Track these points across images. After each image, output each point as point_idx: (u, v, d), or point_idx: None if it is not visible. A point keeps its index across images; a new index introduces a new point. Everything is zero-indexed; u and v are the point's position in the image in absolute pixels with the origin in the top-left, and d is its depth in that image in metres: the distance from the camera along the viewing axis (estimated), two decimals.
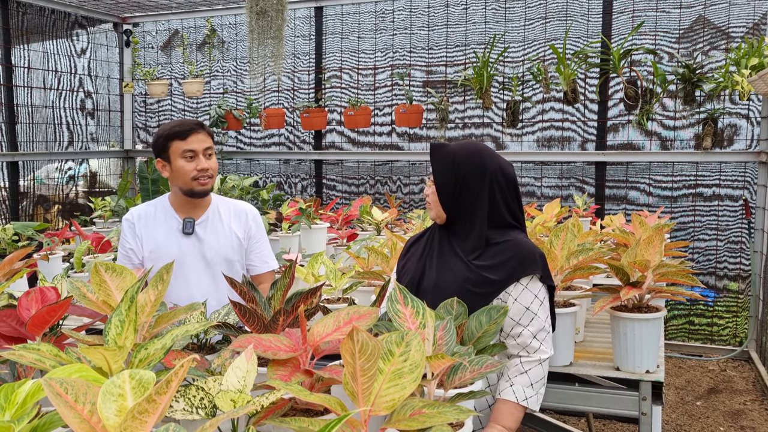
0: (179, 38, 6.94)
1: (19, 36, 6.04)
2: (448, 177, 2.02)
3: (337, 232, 4.42)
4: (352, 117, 5.87)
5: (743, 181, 5.22)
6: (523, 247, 1.99)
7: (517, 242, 2.00)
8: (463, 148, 2.05)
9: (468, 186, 2.00)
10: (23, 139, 6.07)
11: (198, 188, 2.53)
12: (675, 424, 4.05)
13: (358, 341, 1.24)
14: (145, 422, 0.98)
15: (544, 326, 1.96)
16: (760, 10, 5.03)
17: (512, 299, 1.95)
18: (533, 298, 1.96)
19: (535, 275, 1.98)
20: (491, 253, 1.98)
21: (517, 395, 1.88)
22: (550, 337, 2.00)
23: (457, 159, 2.01)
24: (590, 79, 5.47)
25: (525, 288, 1.96)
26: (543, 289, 2.00)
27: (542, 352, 1.94)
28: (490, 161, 2.02)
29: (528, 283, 1.97)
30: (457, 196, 2.01)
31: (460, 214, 2.03)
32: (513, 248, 1.98)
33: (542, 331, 1.95)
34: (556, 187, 5.74)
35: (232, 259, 2.63)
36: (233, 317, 1.92)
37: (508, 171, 2.05)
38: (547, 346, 1.96)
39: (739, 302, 5.31)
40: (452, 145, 2.06)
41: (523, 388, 1.89)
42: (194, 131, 2.51)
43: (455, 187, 2.01)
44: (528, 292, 1.96)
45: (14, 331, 1.75)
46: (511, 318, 1.94)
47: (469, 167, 2.00)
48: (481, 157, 2.02)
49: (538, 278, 1.99)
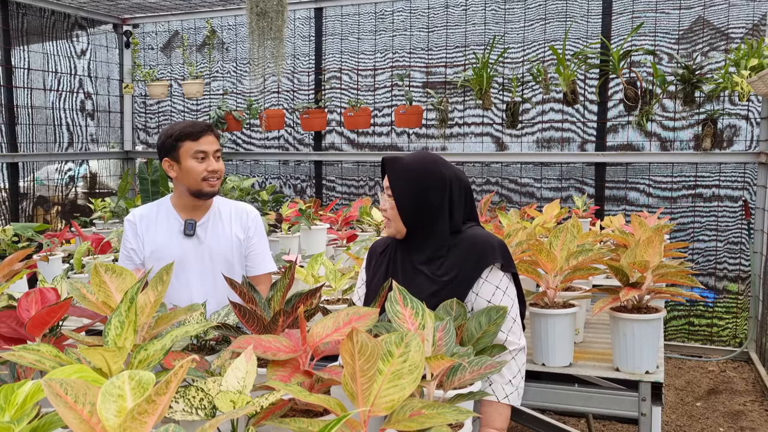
0: (179, 39, 6.94)
1: (19, 37, 6.05)
2: (407, 191, 1.99)
3: (336, 233, 4.42)
4: (351, 118, 5.87)
5: (743, 181, 5.22)
6: (479, 242, 1.97)
7: (472, 238, 1.99)
8: (419, 160, 2.02)
9: (428, 198, 1.98)
10: (23, 140, 6.08)
11: (207, 189, 2.54)
12: (675, 425, 4.05)
13: (357, 342, 1.24)
14: (145, 423, 0.98)
15: (508, 316, 1.89)
16: (760, 11, 5.04)
17: (474, 294, 1.94)
18: (494, 290, 1.94)
19: (494, 265, 1.96)
20: (451, 259, 1.97)
21: (497, 394, 1.87)
22: (518, 326, 1.95)
23: (414, 172, 1.99)
24: (590, 80, 5.48)
25: (485, 281, 1.95)
26: (505, 278, 1.97)
27: (510, 344, 1.91)
28: (447, 171, 2.01)
29: (488, 275, 1.95)
30: (418, 209, 1.99)
31: (420, 226, 2.01)
32: (469, 246, 1.97)
33: (506, 322, 1.90)
34: (555, 188, 5.74)
35: (233, 260, 2.63)
36: (233, 318, 1.92)
37: (464, 179, 2.05)
38: (514, 336, 1.92)
39: (738, 303, 5.31)
40: (407, 158, 2.04)
41: (501, 386, 1.88)
42: (206, 133, 2.53)
43: (415, 201, 1.99)
44: (488, 284, 1.94)
45: (14, 332, 1.75)
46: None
47: (428, 179, 1.98)
48: (438, 167, 2.00)
49: (499, 267, 1.96)
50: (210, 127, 2.57)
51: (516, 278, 2.03)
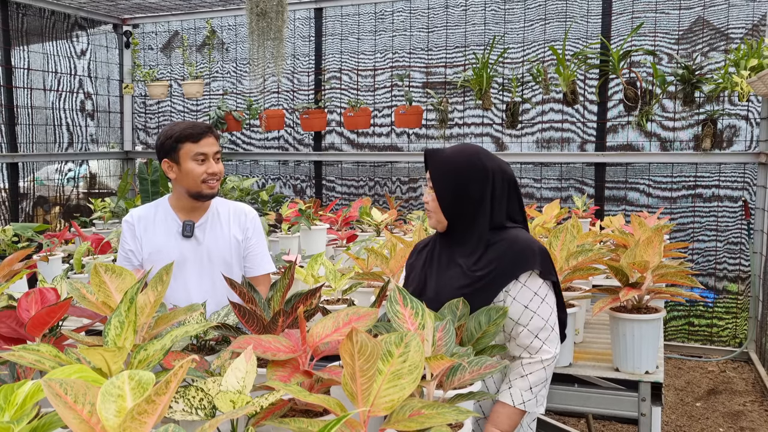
0: (179, 39, 6.94)
1: (19, 37, 6.05)
2: (448, 183, 1.97)
3: (336, 233, 4.42)
4: (351, 118, 5.87)
5: (743, 182, 5.22)
6: (520, 243, 1.93)
7: (514, 239, 1.95)
8: (460, 151, 2.00)
9: (469, 190, 1.95)
10: (23, 140, 6.08)
11: (206, 191, 2.54)
12: (674, 425, 4.05)
13: (357, 342, 1.24)
14: (145, 423, 0.98)
15: (545, 324, 1.88)
16: (759, 11, 5.04)
17: (510, 298, 1.90)
18: (532, 296, 1.89)
19: (533, 271, 1.91)
20: (489, 256, 1.93)
21: (514, 399, 1.85)
22: (555, 335, 1.91)
23: (456, 163, 1.97)
24: (590, 80, 5.48)
25: (523, 285, 1.90)
26: (544, 285, 1.92)
27: (544, 352, 1.87)
28: (490, 162, 1.98)
29: (526, 280, 1.90)
30: (458, 201, 1.96)
31: (461, 219, 1.98)
32: (510, 246, 1.93)
33: (544, 330, 1.88)
34: (555, 188, 5.74)
35: (231, 261, 2.63)
36: (232, 318, 1.92)
37: (508, 171, 2.01)
38: (550, 345, 1.88)
39: (738, 303, 5.31)
40: (449, 150, 2.02)
41: (521, 392, 1.85)
42: (206, 134, 2.52)
43: (456, 193, 1.96)
44: (526, 289, 1.90)
45: (14, 332, 1.75)
46: (510, 318, 1.89)
47: (469, 171, 1.96)
48: (480, 159, 1.97)
49: (538, 274, 1.91)
50: (210, 128, 2.56)
51: (557, 287, 1.98)
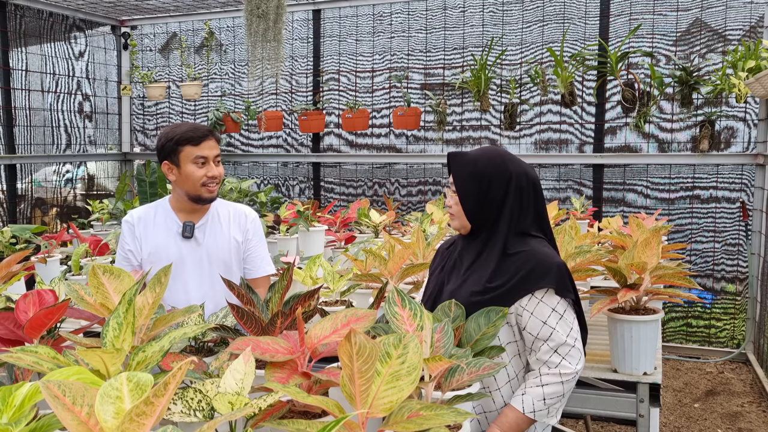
0: (177, 41, 6.94)
1: (16, 39, 6.04)
2: (471, 186, 1.95)
3: (335, 235, 4.42)
4: (350, 119, 5.87)
5: (740, 183, 5.23)
6: (539, 258, 1.89)
7: (533, 253, 1.91)
8: (483, 154, 1.99)
9: (492, 193, 1.93)
10: (21, 142, 6.07)
11: (206, 195, 2.54)
12: (673, 427, 4.05)
13: (355, 343, 1.24)
14: (143, 424, 0.98)
15: (565, 341, 1.85)
16: (757, 12, 5.05)
17: (528, 313, 1.88)
18: (550, 312, 1.87)
19: (550, 288, 1.88)
20: (506, 267, 1.91)
21: (524, 406, 1.82)
22: (576, 351, 1.86)
23: (479, 166, 1.95)
24: (588, 81, 5.48)
25: (540, 301, 1.88)
26: (562, 302, 1.89)
27: (564, 367, 1.84)
28: (513, 166, 1.96)
29: (543, 296, 1.88)
30: (481, 204, 1.95)
31: (484, 222, 1.97)
32: (528, 259, 1.90)
33: (564, 346, 1.85)
34: (553, 190, 5.75)
35: (230, 262, 2.63)
36: (231, 320, 1.92)
37: (531, 174, 1.99)
38: (571, 360, 1.85)
39: (736, 304, 5.32)
40: (472, 153, 2.00)
41: (533, 401, 1.82)
42: (207, 137, 2.51)
43: (479, 196, 1.94)
44: (544, 305, 1.87)
45: (12, 333, 1.75)
46: (529, 333, 1.88)
47: (492, 174, 1.94)
48: (503, 162, 1.96)
49: (554, 291, 1.88)
50: (211, 131, 2.55)
51: (577, 304, 1.95)
